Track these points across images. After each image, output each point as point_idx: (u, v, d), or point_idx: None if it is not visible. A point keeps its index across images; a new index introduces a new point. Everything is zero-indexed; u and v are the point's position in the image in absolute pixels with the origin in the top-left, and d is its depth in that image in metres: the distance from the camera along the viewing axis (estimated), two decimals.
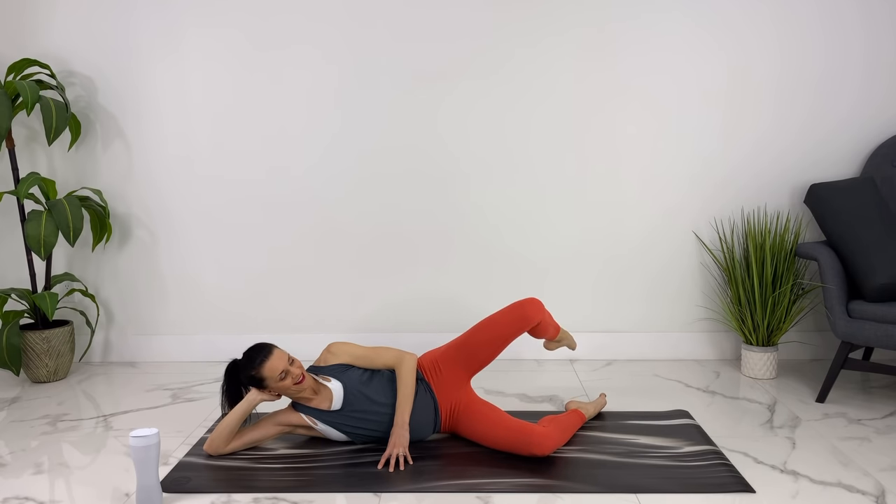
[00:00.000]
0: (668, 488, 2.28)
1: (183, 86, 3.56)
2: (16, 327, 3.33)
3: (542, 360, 3.68)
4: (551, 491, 2.28)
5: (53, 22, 3.54)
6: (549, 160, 3.56)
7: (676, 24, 3.45)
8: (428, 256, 3.64)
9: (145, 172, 3.63)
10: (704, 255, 3.61)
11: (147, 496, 2.17)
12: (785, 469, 2.42)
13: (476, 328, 2.67)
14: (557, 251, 3.62)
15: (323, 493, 2.30)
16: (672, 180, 3.56)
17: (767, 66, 3.46)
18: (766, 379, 3.35)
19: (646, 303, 3.65)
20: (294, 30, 3.50)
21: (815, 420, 2.85)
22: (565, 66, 3.49)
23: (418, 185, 3.59)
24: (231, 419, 2.51)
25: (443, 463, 2.49)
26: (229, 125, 3.58)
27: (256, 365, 2.46)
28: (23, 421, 2.97)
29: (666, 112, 3.51)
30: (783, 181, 3.54)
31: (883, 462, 2.47)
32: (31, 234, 3.26)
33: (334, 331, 3.70)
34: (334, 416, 2.56)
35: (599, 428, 2.76)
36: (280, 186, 3.61)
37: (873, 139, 3.50)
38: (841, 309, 2.97)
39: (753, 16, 3.43)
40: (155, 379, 3.47)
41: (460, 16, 3.47)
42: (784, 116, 3.50)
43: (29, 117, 3.60)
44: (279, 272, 3.67)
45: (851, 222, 3.03)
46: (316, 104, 3.55)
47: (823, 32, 3.43)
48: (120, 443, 2.73)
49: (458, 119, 3.54)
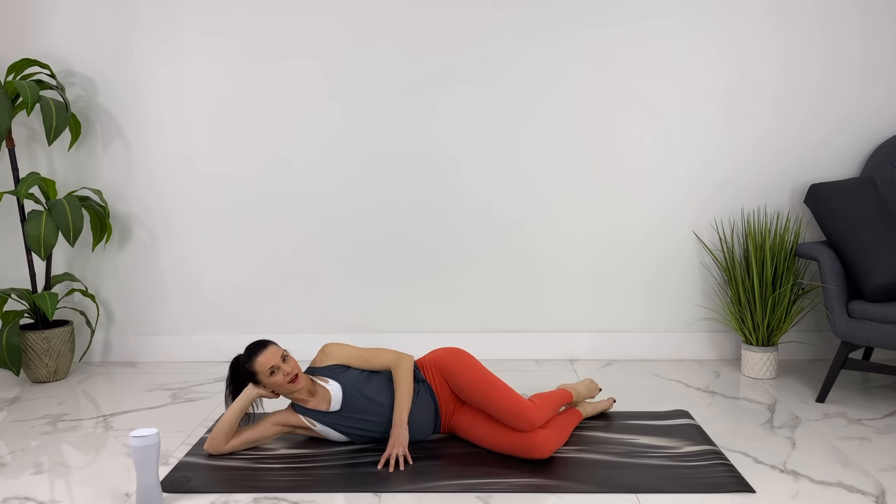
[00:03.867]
0: (668, 488, 2.28)
1: (183, 86, 3.56)
2: (16, 327, 3.33)
3: (542, 360, 3.68)
4: (551, 491, 2.28)
5: (54, 22, 3.54)
6: (550, 161, 3.56)
7: (676, 27, 3.45)
8: (429, 257, 3.64)
9: (145, 172, 3.63)
10: (704, 255, 3.61)
11: (147, 496, 2.17)
12: (785, 469, 2.42)
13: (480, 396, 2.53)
14: (558, 251, 3.62)
15: (323, 493, 2.30)
16: (672, 180, 3.56)
17: (767, 66, 3.46)
18: (766, 379, 3.35)
19: (646, 303, 3.65)
20: (294, 30, 3.50)
21: (815, 420, 2.85)
22: (567, 69, 3.49)
23: (419, 186, 3.59)
24: (229, 415, 2.52)
25: (443, 463, 2.48)
26: (229, 125, 3.58)
27: (250, 359, 2.49)
28: (23, 421, 2.97)
29: (666, 113, 3.51)
30: (783, 181, 3.54)
31: (883, 462, 2.47)
32: (31, 234, 3.26)
33: (334, 331, 3.70)
34: (333, 417, 2.56)
35: (599, 428, 2.75)
36: (280, 186, 3.61)
37: (873, 139, 3.50)
38: (841, 309, 2.97)
39: (752, 17, 3.43)
40: (155, 379, 3.47)
41: (460, 19, 3.47)
42: (784, 116, 3.50)
43: (29, 117, 3.60)
44: (279, 272, 3.67)
45: (851, 222, 3.03)
46: (316, 104, 3.55)
47: (822, 32, 3.43)
48: (120, 443, 2.73)
49: (458, 121, 3.54)
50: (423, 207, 3.61)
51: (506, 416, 2.47)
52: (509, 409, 2.46)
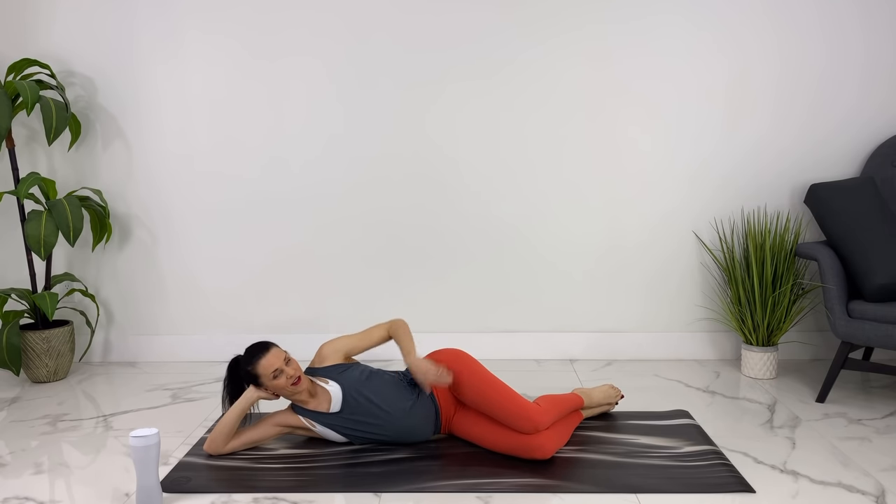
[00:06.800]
0: (668, 488, 2.28)
1: (183, 86, 3.56)
2: (16, 327, 3.33)
3: (542, 360, 3.68)
4: (551, 491, 2.28)
5: (54, 22, 3.54)
6: (550, 161, 3.56)
7: (676, 25, 3.45)
8: (429, 257, 3.64)
9: (145, 172, 3.63)
10: (704, 255, 3.61)
11: (147, 496, 2.17)
12: (785, 469, 2.42)
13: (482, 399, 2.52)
14: (558, 251, 3.62)
15: (323, 493, 2.30)
16: (672, 180, 3.56)
17: (767, 66, 3.46)
18: (766, 379, 3.35)
19: (646, 303, 3.65)
20: (294, 29, 3.50)
21: (815, 420, 2.85)
22: (566, 68, 3.49)
23: (418, 185, 3.59)
24: (229, 417, 2.52)
25: (443, 463, 2.48)
26: (230, 125, 3.58)
27: (252, 361, 2.48)
28: (23, 421, 2.97)
29: (666, 113, 3.51)
30: (783, 181, 3.54)
31: (883, 462, 2.47)
32: (31, 234, 3.26)
33: (334, 331, 3.70)
34: (333, 418, 2.56)
35: (599, 428, 2.75)
36: (280, 186, 3.61)
37: (873, 139, 3.50)
38: (841, 309, 2.97)
39: (753, 15, 3.43)
40: (155, 379, 3.47)
41: (461, 17, 3.47)
42: (784, 116, 3.50)
43: (29, 117, 3.60)
44: (279, 273, 3.67)
45: (851, 222, 3.03)
46: (316, 104, 3.55)
47: (822, 32, 3.43)
48: (120, 443, 2.73)
49: (456, 121, 3.54)
50: (423, 207, 3.61)
51: (508, 418, 2.46)
52: (512, 410, 2.45)
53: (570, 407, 2.63)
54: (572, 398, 2.66)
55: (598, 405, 2.81)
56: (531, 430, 2.43)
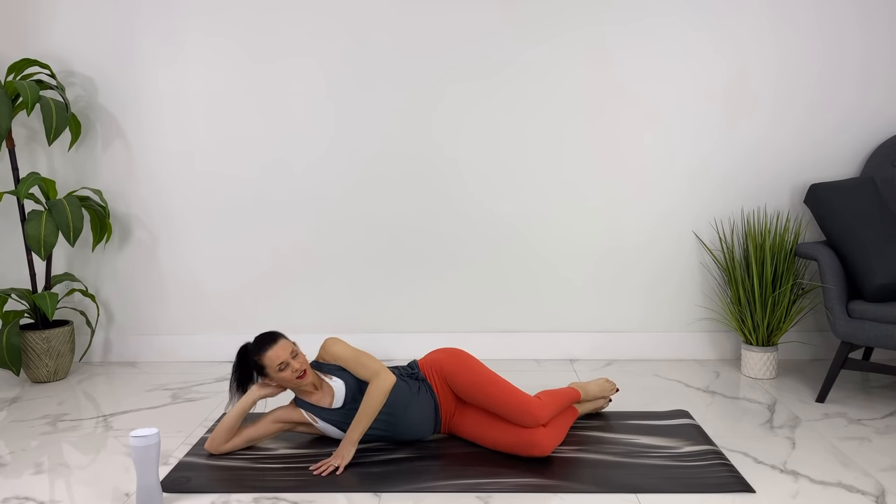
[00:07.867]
0: (668, 488, 2.28)
1: (183, 86, 3.56)
2: (16, 327, 3.33)
3: (542, 360, 3.68)
4: (551, 491, 2.28)
5: (54, 22, 3.54)
6: (550, 162, 3.56)
7: (675, 26, 3.45)
8: (429, 257, 3.64)
9: (145, 172, 3.63)
10: (704, 255, 3.61)
11: (147, 496, 2.17)
12: (785, 469, 2.42)
13: (483, 395, 2.52)
14: (558, 251, 3.62)
15: (323, 493, 2.30)
16: (672, 180, 3.56)
17: (766, 66, 3.46)
18: (766, 379, 3.35)
19: (646, 303, 3.65)
20: (294, 30, 3.50)
21: (815, 420, 2.85)
22: (566, 69, 3.49)
23: (419, 186, 3.59)
24: (231, 416, 2.53)
25: (443, 463, 2.49)
26: (230, 125, 3.58)
27: (259, 352, 2.49)
28: (23, 421, 2.97)
29: (665, 113, 3.51)
30: (783, 181, 3.54)
31: (883, 462, 2.47)
32: (31, 234, 3.26)
33: (335, 331, 3.70)
34: (335, 413, 2.56)
35: (599, 428, 2.76)
36: (280, 187, 3.61)
37: (873, 139, 3.50)
38: (841, 309, 2.97)
39: (750, 17, 3.43)
40: (155, 379, 3.47)
41: (459, 18, 3.47)
42: (783, 116, 3.50)
43: (29, 117, 3.60)
44: (280, 272, 3.67)
45: (851, 222, 3.03)
46: (317, 105, 3.55)
47: (821, 32, 3.43)
48: (120, 443, 2.73)
49: (457, 122, 3.54)
50: (423, 208, 3.61)
51: (509, 411, 2.47)
52: (512, 404, 2.46)
53: (568, 400, 2.65)
54: (570, 392, 2.68)
55: (594, 398, 2.82)
56: (533, 424, 2.44)
